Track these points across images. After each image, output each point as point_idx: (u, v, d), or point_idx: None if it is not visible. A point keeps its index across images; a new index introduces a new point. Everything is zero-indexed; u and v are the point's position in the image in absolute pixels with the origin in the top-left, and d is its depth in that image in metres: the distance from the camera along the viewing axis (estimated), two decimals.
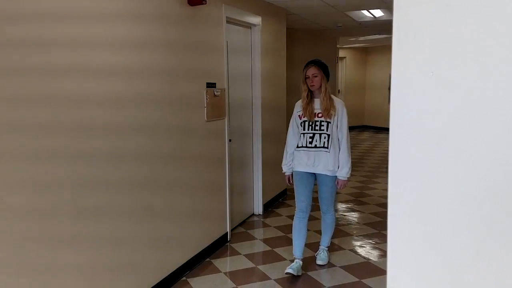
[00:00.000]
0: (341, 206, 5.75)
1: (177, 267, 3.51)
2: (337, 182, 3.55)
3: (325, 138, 3.46)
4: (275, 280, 3.52)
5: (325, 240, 3.86)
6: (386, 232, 3.47)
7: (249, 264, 3.85)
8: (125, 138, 2.89)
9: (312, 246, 4.16)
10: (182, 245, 3.58)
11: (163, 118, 3.29)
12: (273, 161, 5.46)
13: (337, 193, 3.63)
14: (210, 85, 3.93)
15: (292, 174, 3.68)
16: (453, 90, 0.77)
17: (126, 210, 2.92)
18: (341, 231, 4.74)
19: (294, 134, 3.59)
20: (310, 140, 3.48)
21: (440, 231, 0.81)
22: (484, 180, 0.76)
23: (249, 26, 4.89)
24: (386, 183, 4.64)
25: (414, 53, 0.81)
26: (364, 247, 4.29)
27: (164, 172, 3.31)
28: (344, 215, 5.36)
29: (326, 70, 3.52)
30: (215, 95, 4.00)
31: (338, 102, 3.55)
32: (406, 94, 0.82)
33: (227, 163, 4.34)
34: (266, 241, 4.44)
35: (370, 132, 13.25)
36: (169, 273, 3.40)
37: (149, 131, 3.13)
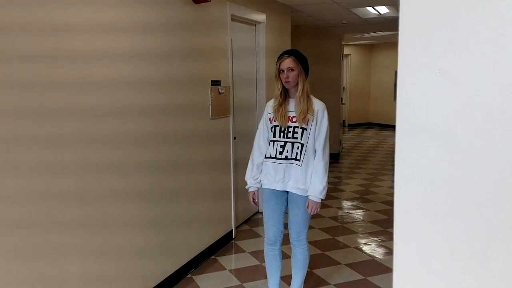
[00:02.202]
0: (346, 204, 5.74)
1: (183, 264, 3.52)
2: (307, 204, 2.75)
3: (298, 148, 2.72)
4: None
5: (296, 282, 3.04)
6: (392, 230, 3.45)
7: (254, 262, 3.85)
8: (132, 146, 2.90)
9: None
10: (187, 243, 3.58)
11: (168, 120, 3.29)
12: None
13: (312, 217, 2.90)
14: (215, 83, 3.93)
15: (258, 191, 2.97)
16: (460, 87, 0.77)
17: (134, 214, 2.93)
18: (346, 228, 4.73)
19: (264, 141, 2.87)
20: (281, 150, 2.75)
21: (447, 229, 0.80)
22: (491, 177, 0.76)
23: (253, 23, 4.88)
24: (392, 180, 4.63)
25: (421, 50, 0.80)
26: (370, 245, 4.28)
27: (170, 174, 3.32)
28: (349, 213, 5.35)
29: (305, 64, 2.79)
30: (219, 93, 4.00)
31: (318, 104, 2.78)
32: (413, 92, 0.81)
33: (232, 162, 4.34)
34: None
35: (375, 130, 13.20)
36: (174, 270, 3.41)
37: (155, 135, 3.13)
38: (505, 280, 0.75)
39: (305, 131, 2.72)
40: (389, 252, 4.05)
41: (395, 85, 12.05)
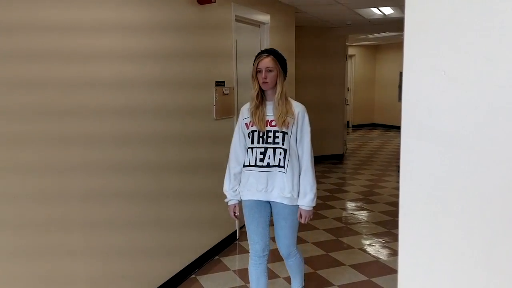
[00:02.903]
0: (350, 205, 5.73)
1: (187, 264, 3.53)
2: (299, 214, 2.60)
3: (280, 154, 2.53)
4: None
5: (296, 285, 2.94)
6: (396, 231, 3.44)
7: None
8: (137, 145, 2.91)
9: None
10: (191, 244, 3.59)
11: (173, 120, 3.30)
12: None
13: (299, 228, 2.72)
14: (219, 84, 3.93)
15: (238, 204, 2.71)
16: (465, 88, 0.77)
17: (138, 214, 2.94)
18: (350, 229, 4.72)
19: (241, 148, 2.65)
20: (261, 156, 2.55)
21: (452, 231, 0.80)
22: (496, 179, 0.75)
23: (258, 24, 4.89)
24: (396, 181, 4.64)
25: (426, 51, 0.80)
26: (374, 246, 4.27)
27: (174, 174, 3.32)
28: (354, 214, 5.34)
29: (284, 65, 2.61)
30: (224, 94, 4.01)
31: (298, 106, 2.60)
32: (418, 93, 0.81)
33: None
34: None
35: (380, 130, 13.17)
36: (178, 270, 3.42)
37: (160, 135, 3.14)
38: (511, 281, 0.75)
39: (286, 135, 2.53)
40: (394, 253, 4.04)
41: (399, 86, 12.03)
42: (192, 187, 3.59)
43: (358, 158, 8.92)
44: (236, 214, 2.72)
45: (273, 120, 2.55)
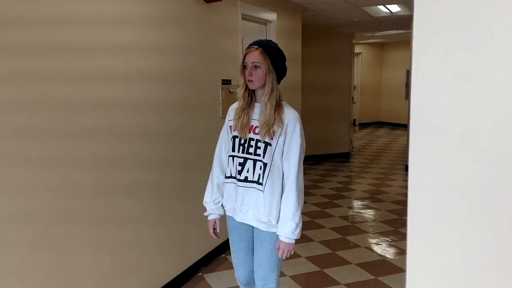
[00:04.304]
0: (357, 203, 5.72)
1: (193, 262, 3.54)
2: (278, 246, 2.12)
3: (260, 168, 2.10)
4: (290, 276, 3.52)
5: None
6: (403, 230, 3.44)
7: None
8: (144, 141, 2.92)
9: None
10: (198, 242, 3.60)
11: (180, 116, 3.31)
12: None
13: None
14: (225, 82, 3.94)
15: (220, 220, 2.32)
16: (474, 87, 0.76)
17: (146, 213, 2.95)
18: (357, 228, 4.71)
19: (226, 154, 2.27)
20: (240, 168, 2.15)
21: (461, 231, 0.80)
22: (507, 179, 0.75)
23: (264, 22, 4.88)
24: (403, 180, 4.62)
25: (435, 50, 0.80)
26: (380, 244, 4.26)
27: (182, 171, 3.33)
28: (360, 212, 5.33)
29: (278, 61, 2.13)
30: (230, 92, 4.01)
31: (289, 114, 2.13)
32: (427, 92, 0.81)
33: None
34: None
35: (387, 129, 13.12)
36: (185, 268, 3.43)
37: (167, 131, 3.14)
38: None
39: (269, 147, 2.08)
40: (400, 252, 4.02)
41: (406, 84, 11.98)
42: (199, 183, 3.59)
43: (365, 156, 8.89)
44: (217, 231, 2.30)
45: (257, 127, 2.12)
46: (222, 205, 2.29)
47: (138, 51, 2.85)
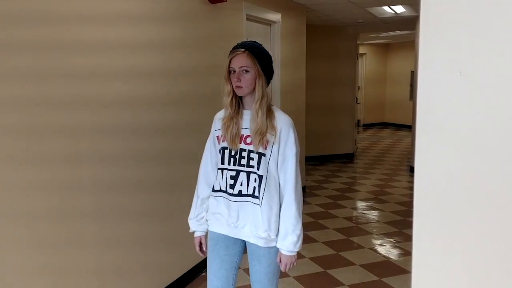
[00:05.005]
0: (361, 204, 5.71)
1: (197, 263, 3.54)
2: (279, 259, 2.03)
3: (255, 181, 1.97)
4: (294, 277, 3.52)
5: None
6: (407, 231, 3.43)
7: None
8: (148, 139, 2.92)
9: None
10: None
11: (183, 117, 3.31)
12: None
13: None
14: None
15: (206, 237, 2.18)
16: (481, 89, 0.76)
17: (149, 211, 2.96)
18: (361, 229, 4.70)
19: (213, 167, 2.11)
20: (232, 182, 2.00)
21: (467, 232, 0.80)
22: None
23: (268, 23, 4.89)
24: (407, 181, 4.59)
25: (441, 51, 0.80)
26: (384, 245, 4.25)
27: (185, 173, 3.33)
28: (364, 213, 5.32)
29: (266, 64, 1.99)
30: None
31: (282, 119, 2.00)
32: (434, 94, 0.81)
33: None
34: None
35: (391, 129, 13.09)
36: (189, 268, 3.44)
37: (169, 131, 3.15)
38: None
39: (263, 157, 1.95)
40: (405, 253, 4.02)
41: (411, 85, 11.94)
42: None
43: (369, 157, 8.88)
44: (204, 249, 2.16)
45: (249, 136, 1.98)
46: (206, 220, 2.12)
47: (141, 52, 2.86)
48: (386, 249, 4.16)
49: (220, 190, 2.04)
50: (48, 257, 2.23)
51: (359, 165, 8.14)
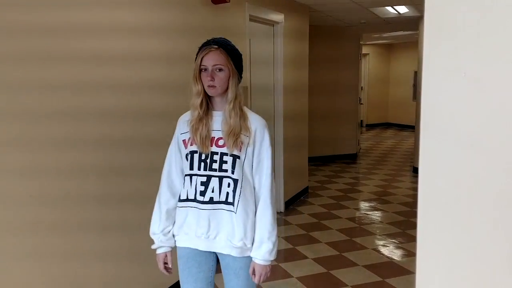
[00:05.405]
0: (364, 205, 5.70)
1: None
2: (252, 269, 1.88)
3: (229, 185, 1.83)
4: (297, 278, 3.52)
5: None
6: (410, 231, 3.42)
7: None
8: (150, 147, 2.91)
9: None
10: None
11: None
12: (294, 166, 5.46)
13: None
14: None
15: (172, 253, 1.98)
16: (487, 90, 0.76)
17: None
18: (364, 230, 4.70)
19: (177, 174, 1.93)
20: (203, 188, 1.84)
21: (472, 233, 0.79)
22: None
23: (271, 23, 4.88)
24: (410, 181, 4.58)
25: (446, 52, 0.79)
26: (388, 246, 4.24)
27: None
28: (367, 214, 5.31)
29: (238, 60, 1.89)
30: None
31: (255, 120, 1.89)
32: (438, 95, 0.80)
33: None
34: (287, 239, 4.44)
35: (394, 130, 13.07)
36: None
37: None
38: None
39: (237, 160, 1.82)
40: (408, 254, 4.01)
41: (414, 85, 11.92)
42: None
43: (372, 157, 8.86)
44: (169, 267, 1.96)
45: (220, 138, 1.84)
46: (173, 235, 1.93)
47: (144, 52, 2.86)
48: (390, 249, 4.16)
49: (188, 199, 1.87)
50: (50, 267, 2.22)
51: (362, 166, 8.13)
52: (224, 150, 1.83)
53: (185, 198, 1.88)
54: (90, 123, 2.41)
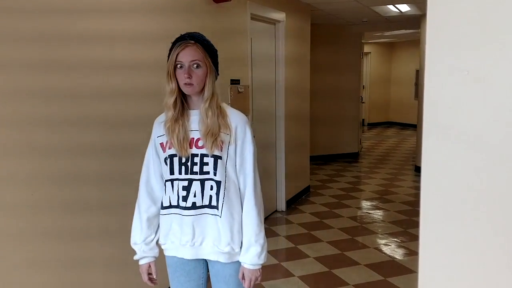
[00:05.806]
0: (366, 204, 5.70)
1: None
2: (242, 275, 1.79)
3: (212, 188, 1.73)
4: (298, 277, 3.52)
5: None
6: (412, 230, 3.41)
7: (273, 261, 3.86)
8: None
9: None
10: None
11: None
12: (296, 165, 5.45)
13: None
14: (234, 82, 3.94)
15: (156, 263, 1.87)
16: (490, 89, 0.75)
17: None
18: (365, 229, 4.69)
19: (157, 179, 1.83)
20: (185, 193, 1.74)
21: (474, 232, 0.79)
22: None
23: (273, 22, 4.88)
24: (412, 180, 4.57)
25: (449, 50, 0.79)
26: (389, 245, 4.24)
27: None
28: (369, 213, 5.31)
29: (215, 57, 1.80)
30: (239, 92, 4.01)
31: (235, 117, 1.78)
32: (441, 93, 0.80)
33: None
34: (289, 238, 4.44)
35: (395, 129, 13.05)
36: None
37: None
38: None
39: (219, 160, 1.72)
40: (409, 253, 4.00)
41: (416, 84, 11.90)
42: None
43: (374, 156, 8.85)
44: (153, 278, 1.86)
45: (200, 139, 1.73)
46: (157, 243, 1.84)
47: (145, 52, 2.86)
48: (391, 248, 4.15)
49: (171, 206, 1.77)
50: (54, 274, 2.22)
51: (363, 165, 8.12)
52: (204, 151, 1.72)
53: (167, 205, 1.78)
54: (90, 129, 2.41)
